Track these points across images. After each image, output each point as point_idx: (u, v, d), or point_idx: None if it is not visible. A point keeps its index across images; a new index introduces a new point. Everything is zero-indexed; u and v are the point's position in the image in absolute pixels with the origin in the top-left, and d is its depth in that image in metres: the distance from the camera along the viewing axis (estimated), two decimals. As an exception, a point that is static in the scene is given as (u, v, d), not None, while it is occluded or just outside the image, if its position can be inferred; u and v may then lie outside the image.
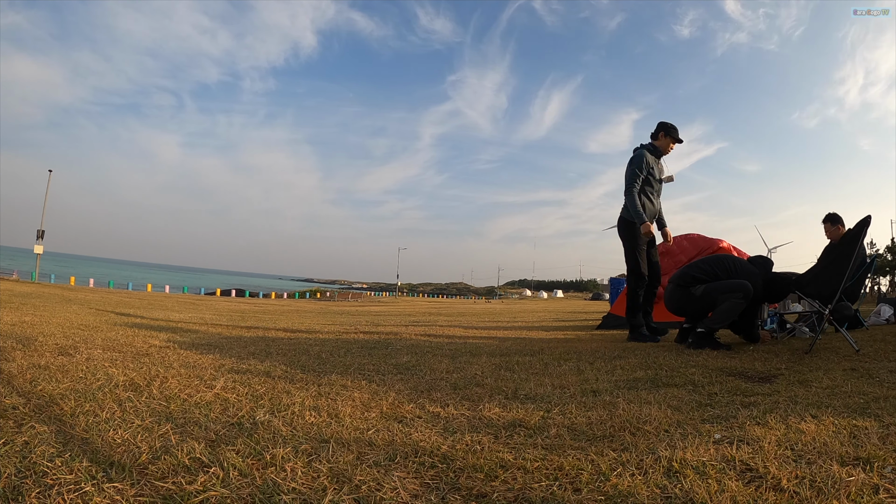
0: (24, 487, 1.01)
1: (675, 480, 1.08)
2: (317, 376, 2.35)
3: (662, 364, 2.71)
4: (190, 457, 1.19)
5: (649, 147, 4.34)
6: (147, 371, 2.30)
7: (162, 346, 3.33)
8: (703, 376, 2.30)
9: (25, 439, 1.28)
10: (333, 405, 1.77)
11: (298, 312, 10.79)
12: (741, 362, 2.70)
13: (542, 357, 3.16)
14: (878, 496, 0.99)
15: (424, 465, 1.20)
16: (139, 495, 1.00)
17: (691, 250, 5.97)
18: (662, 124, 4.34)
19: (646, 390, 2.04)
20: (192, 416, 1.57)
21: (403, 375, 2.43)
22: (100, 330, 4.16)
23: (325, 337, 4.56)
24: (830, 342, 3.52)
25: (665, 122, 4.33)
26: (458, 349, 3.65)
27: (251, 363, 2.70)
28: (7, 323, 4.18)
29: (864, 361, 2.62)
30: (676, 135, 4.31)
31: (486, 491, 1.05)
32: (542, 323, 8.29)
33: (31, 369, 2.18)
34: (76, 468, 1.11)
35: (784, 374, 2.30)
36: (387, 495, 1.03)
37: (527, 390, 2.07)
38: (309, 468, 1.16)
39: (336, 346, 3.77)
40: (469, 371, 2.59)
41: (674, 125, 4.33)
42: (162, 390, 1.91)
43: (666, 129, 4.30)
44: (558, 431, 1.46)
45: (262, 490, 1.03)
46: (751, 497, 1.00)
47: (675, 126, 4.32)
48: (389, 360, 2.95)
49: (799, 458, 1.20)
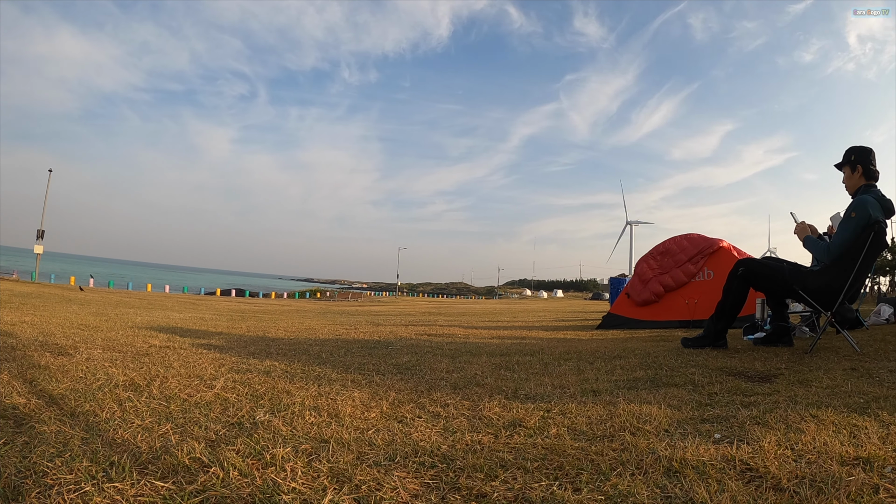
0: (24, 487, 1.01)
1: (675, 480, 1.08)
2: (317, 376, 2.35)
3: (662, 364, 2.71)
4: (190, 457, 1.19)
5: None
6: (147, 371, 2.30)
7: (162, 346, 3.33)
8: (703, 376, 2.30)
9: (25, 439, 1.29)
10: (333, 405, 1.77)
11: (298, 312, 10.79)
12: (741, 362, 2.70)
13: (542, 357, 3.16)
14: (878, 496, 0.99)
15: (424, 464, 1.20)
16: (139, 495, 1.00)
17: (691, 250, 5.98)
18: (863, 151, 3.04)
19: (646, 390, 2.04)
20: (192, 416, 1.57)
21: (403, 375, 2.43)
22: (100, 330, 4.16)
23: (325, 337, 4.56)
24: (831, 342, 3.52)
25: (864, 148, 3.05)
26: (458, 349, 3.65)
27: (251, 363, 2.70)
28: (7, 323, 4.18)
29: (864, 361, 2.62)
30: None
31: (487, 491, 1.05)
32: (542, 323, 8.29)
33: (31, 369, 2.18)
34: (76, 468, 1.11)
35: (784, 374, 2.30)
36: (387, 495, 1.03)
37: (527, 390, 2.07)
38: (309, 468, 1.16)
39: (336, 346, 3.77)
40: (469, 371, 2.59)
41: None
42: (162, 390, 1.91)
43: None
44: (558, 431, 1.46)
45: (263, 490, 1.03)
46: (751, 497, 1.00)
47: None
48: (389, 360, 2.95)
49: (799, 457, 1.19)
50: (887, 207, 2.83)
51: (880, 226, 2.79)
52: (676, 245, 6.17)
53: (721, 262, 5.61)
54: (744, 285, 3.23)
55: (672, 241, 6.29)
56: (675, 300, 5.87)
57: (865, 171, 2.94)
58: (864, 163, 2.94)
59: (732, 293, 3.23)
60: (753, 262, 3.30)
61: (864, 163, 2.94)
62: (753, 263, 3.29)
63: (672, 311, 5.85)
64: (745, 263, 3.27)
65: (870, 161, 2.94)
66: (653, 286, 6.05)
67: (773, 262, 3.31)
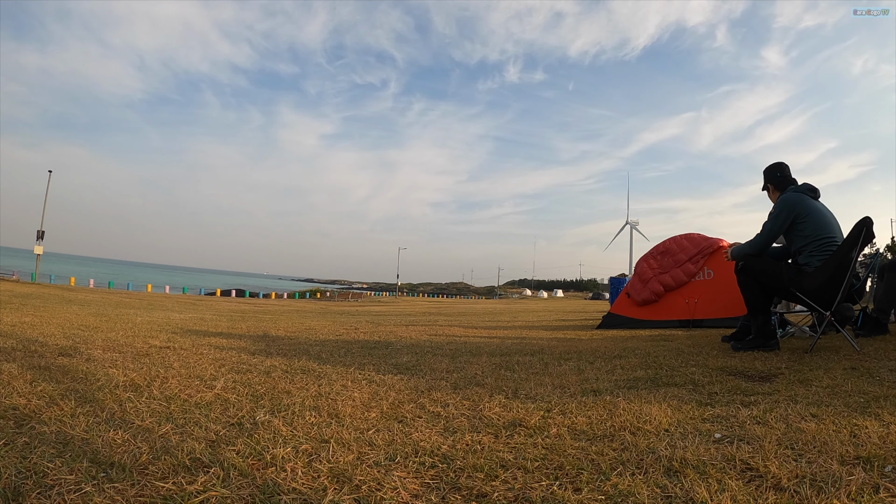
0: (25, 488, 1.01)
1: (676, 480, 1.08)
2: (317, 376, 2.35)
3: (663, 364, 2.71)
4: (190, 457, 1.19)
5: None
6: (147, 371, 2.30)
7: (162, 346, 3.33)
8: (703, 376, 2.30)
9: (26, 440, 1.29)
10: (333, 405, 1.77)
11: (298, 313, 10.79)
12: (741, 362, 2.70)
13: (543, 357, 3.16)
14: (878, 495, 0.99)
15: (425, 464, 1.20)
16: (139, 496, 1.00)
17: (691, 249, 5.97)
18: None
19: (646, 390, 2.04)
20: (193, 417, 1.57)
21: (403, 375, 2.43)
22: (100, 330, 4.16)
23: (325, 337, 4.56)
24: (831, 342, 3.51)
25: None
26: (458, 349, 3.65)
27: (251, 363, 2.70)
28: (7, 323, 4.18)
29: (864, 360, 2.61)
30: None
31: (487, 491, 1.05)
32: (543, 322, 8.29)
33: (32, 370, 2.18)
34: (76, 468, 1.11)
35: (784, 374, 2.30)
36: (387, 495, 1.03)
37: (527, 390, 2.07)
38: (309, 468, 1.16)
39: (336, 346, 3.77)
40: (469, 371, 2.59)
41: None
42: (162, 391, 1.92)
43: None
44: (558, 431, 1.46)
45: (263, 490, 1.03)
46: (751, 496, 1.00)
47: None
48: (389, 360, 2.95)
49: (799, 457, 1.19)
50: (806, 188, 3.23)
51: (804, 205, 3.11)
52: (676, 244, 6.16)
53: (721, 262, 5.59)
54: (747, 278, 3.27)
55: (672, 241, 6.28)
56: (676, 300, 5.87)
57: (776, 185, 3.38)
58: (772, 181, 3.40)
59: (743, 287, 3.28)
60: (751, 257, 3.33)
61: (771, 181, 3.41)
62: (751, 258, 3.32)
63: (672, 311, 5.85)
64: (743, 257, 3.31)
65: (775, 177, 3.39)
66: (653, 286, 6.05)
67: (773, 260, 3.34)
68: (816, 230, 3.07)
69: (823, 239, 3.05)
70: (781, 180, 3.39)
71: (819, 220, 3.11)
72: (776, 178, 3.40)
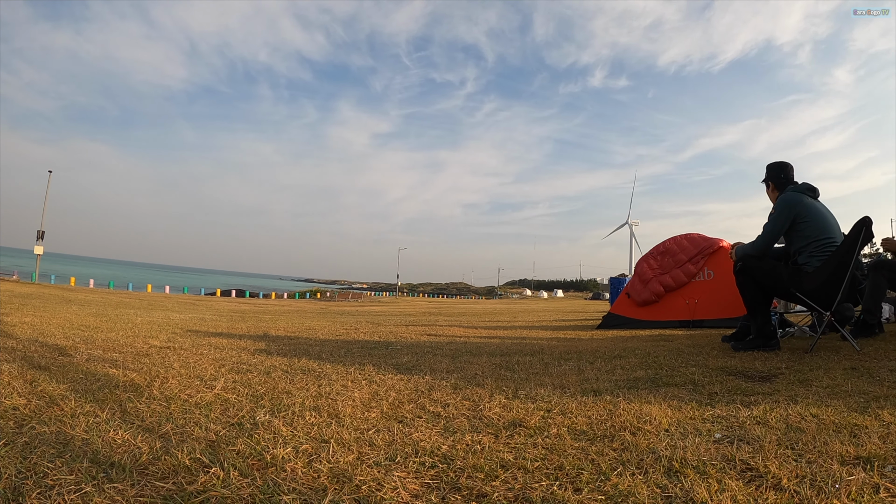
0: (25, 488, 1.01)
1: (676, 480, 1.08)
2: (317, 376, 2.35)
3: (663, 364, 2.71)
4: (190, 457, 1.20)
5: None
6: (147, 372, 2.30)
7: (162, 346, 3.33)
8: (703, 376, 2.30)
9: (26, 440, 1.29)
10: (333, 405, 1.77)
11: (298, 313, 10.79)
12: (741, 362, 2.70)
13: (543, 357, 3.16)
14: (878, 495, 0.99)
15: (425, 465, 1.20)
16: (140, 496, 1.00)
17: (692, 250, 5.97)
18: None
19: (646, 390, 2.04)
20: (193, 417, 1.57)
21: (403, 375, 2.43)
22: (100, 331, 4.16)
23: (325, 337, 4.57)
24: (831, 341, 3.51)
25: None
26: (458, 349, 3.65)
27: (251, 363, 2.70)
28: (8, 324, 4.18)
29: (864, 360, 2.61)
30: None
31: (487, 491, 1.05)
32: (543, 323, 8.29)
33: (32, 370, 2.18)
34: (77, 469, 1.11)
35: (784, 374, 2.30)
36: (387, 495, 1.03)
37: (527, 390, 2.07)
38: (309, 468, 1.16)
39: (336, 346, 3.77)
40: (469, 371, 2.59)
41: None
42: (162, 391, 1.92)
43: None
44: (558, 431, 1.46)
45: (263, 490, 1.03)
46: (751, 496, 1.00)
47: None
48: (389, 360, 2.95)
49: (799, 457, 1.19)
50: (805, 188, 3.22)
51: (803, 205, 3.11)
52: (677, 245, 6.16)
53: (721, 262, 5.60)
54: (746, 278, 3.27)
55: (672, 241, 6.28)
56: (676, 300, 5.87)
57: (777, 185, 3.38)
58: (774, 179, 3.40)
59: (741, 288, 3.28)
60: (750, 257, 3.33)
61: (773, 179, 3.40)
62: (750, 258, 3.32)
63: (672, 311, 5.85)
64: (742, 258, 3.31)
65: (778, 176, 3.38)
66: (653, 286, 6.05)
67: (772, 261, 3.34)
68: (816, 230, 3.07)
69: (823, 239, 3.06)
70: (784, 181, 3.40)
71: (819, 220, 3.11)
72: (779, 179, 3.41)
